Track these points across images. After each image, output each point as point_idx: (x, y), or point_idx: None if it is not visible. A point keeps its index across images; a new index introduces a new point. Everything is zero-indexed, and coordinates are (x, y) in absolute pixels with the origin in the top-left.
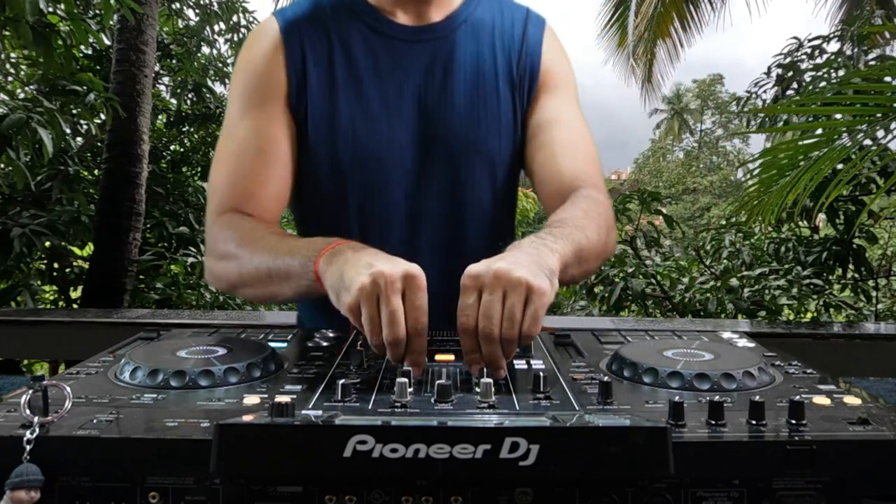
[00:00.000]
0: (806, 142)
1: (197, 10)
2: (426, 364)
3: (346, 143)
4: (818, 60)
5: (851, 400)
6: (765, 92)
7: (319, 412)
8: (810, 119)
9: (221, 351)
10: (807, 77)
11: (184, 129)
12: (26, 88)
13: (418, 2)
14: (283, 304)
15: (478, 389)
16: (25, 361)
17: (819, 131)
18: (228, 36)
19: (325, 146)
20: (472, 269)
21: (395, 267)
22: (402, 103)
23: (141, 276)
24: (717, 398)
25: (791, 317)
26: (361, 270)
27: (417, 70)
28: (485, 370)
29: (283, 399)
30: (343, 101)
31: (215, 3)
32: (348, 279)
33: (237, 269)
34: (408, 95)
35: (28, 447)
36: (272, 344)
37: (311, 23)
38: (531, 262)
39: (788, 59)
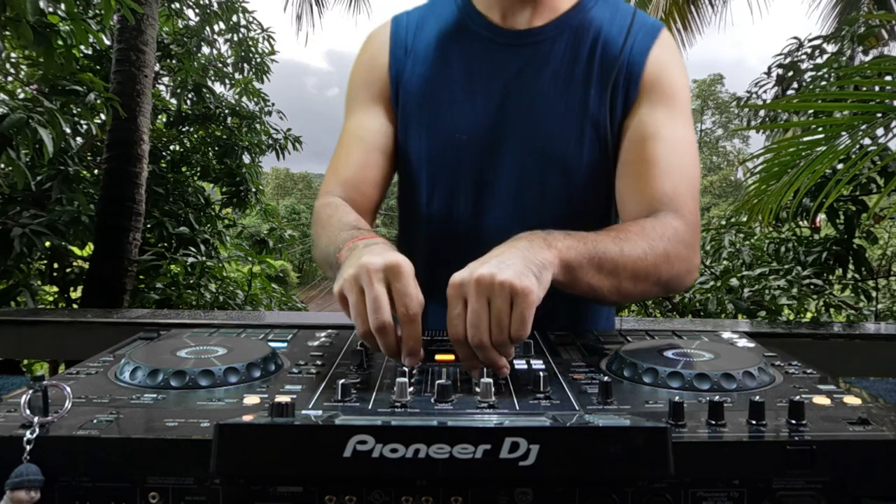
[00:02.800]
0: (806, 139)
1: (197, 10)
2: (421, 367)
3: (425, 139)
4: (818, 60)
5: (851, 400)
6: (765, 92)
7: (319, 412)
8: (810, 118)
9: (221, 351)
10: (807, 77)
11: (184, 129)
12: (26, 88)
13: (522, 7)
14: (284, 304)
15: (478, 389)
16: (25, 361)
17: (819, 129)
18: (228, 36)
19: (410, 140)
20: (456, 277)
21: (378, 258)
22: (487, 103)
23: (141, 276)
24: (717, 398)
25: (791, 317)
26: (352, 263)
27: (509, 72)
28: (485, 370)
29: (283, 399)
30: (429, 99)
31: (215, 3)
32: (341, 272)
33: (314, 250)
34: (494, 95)
35: (28, 447)
36: (272, 344)
37: (418, 27)
38: (517, 260)
39: (788, 60)
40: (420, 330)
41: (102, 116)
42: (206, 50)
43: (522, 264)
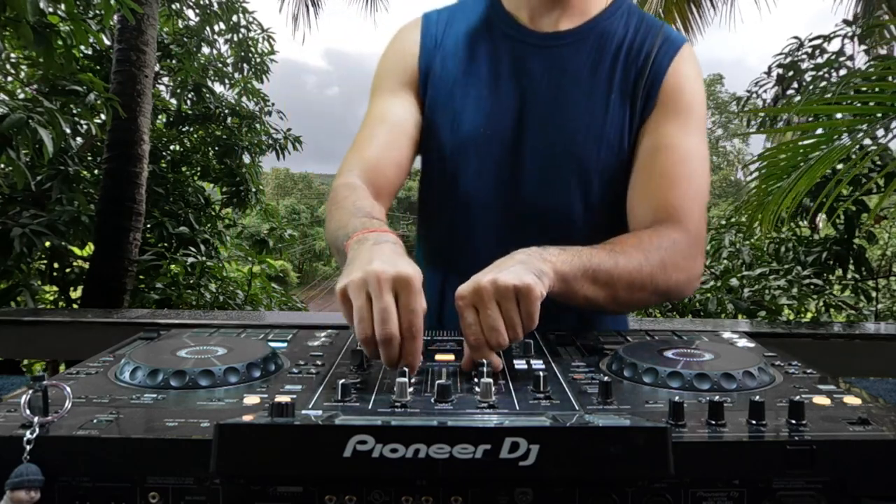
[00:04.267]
0: (806, 142)
1: (197, 11)
2: (421, 367)
3: (447, 131)
4: (818, 60)
5: (851, 400)
6: (765, 91)
7: (319, 412)
8: (811, 119)
9: (221, 351)
10: (807, 77)
11: (184, 129)
12: (26, 88)
13: (550, 10)
14: (284, 304)
15: (478, 389)
16: (25, 361)
17: (819, 131)
18: (228, 36)
19: (436, 131)
20: (462, 289)
21: (389, 267)
22: (510, 101)
23: (141, 276)
24: (717, 398)
25: (791, 317)
26: (361, 265)
27: (534, 73)
28: (484, 369)
29: (283, 399)
30: (456, 93)
31: (215, 4)
32: (347, 271)
33: (326, 226)
34: (518, 95)
35: (28, 447)
36: (272, 344)
37: (448, 23)
38: (516, 266)
39: (789, 59)
40: (420, 345)
41: (102, 116)
42: (206, 50)
43: (522, 268)
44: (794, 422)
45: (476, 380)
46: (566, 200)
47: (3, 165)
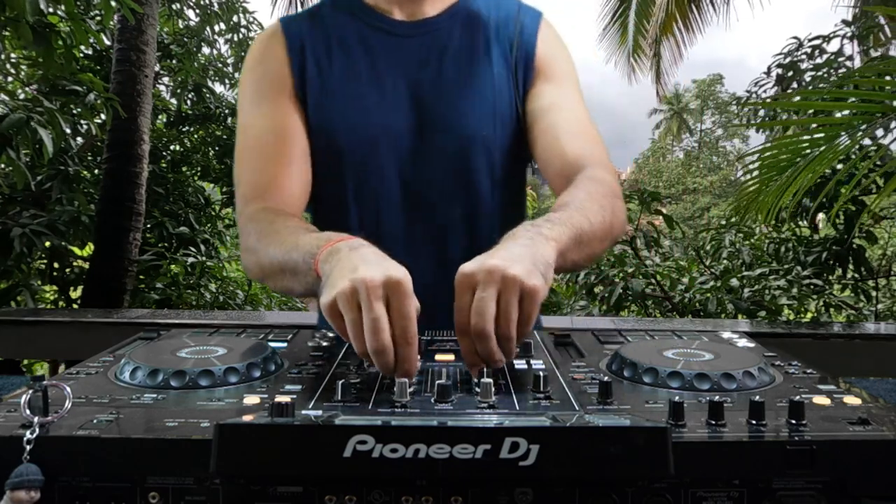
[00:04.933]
0: (805, 138)
1: (197, 11)
2: (421, 367)
3: (341, 132)
4: (818, 60)
5: (851, 400)
6: (765, 91)
7: (319, 412)
8: (810, 117)
9: (221, 351)
10: (807, 77)
11: (184, 129)
12: (26, 88)
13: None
14: (284, 304)
15: (478, 389)
16: (25, 361)
17: (816, 127)
18: (228, 36)
19: (322, 135)
20: (465, 267)
21: (377, 271)
22: (397, 93)
23: (141, 276)
24: (717, 398)
25: (791, 317)
26: (345, 274)
27: (412, 62)
28: (485, 370)
29: (283, 399)
30: (339, 93)
31: (215, 4)
32: (332, 281)
33: (257, 262)
34: (403, 86)
35: (28, 447)
36: (272, 344)
37: (310, 24)
38: (525, 256)
39: (788, 59)
40: (416, 352)
41: (102, 116)
42: (206, 50)
43: (531, 262)
44: (794, 422)
45: (476, 380)
46: (474, 183)
47: (3, 165)
